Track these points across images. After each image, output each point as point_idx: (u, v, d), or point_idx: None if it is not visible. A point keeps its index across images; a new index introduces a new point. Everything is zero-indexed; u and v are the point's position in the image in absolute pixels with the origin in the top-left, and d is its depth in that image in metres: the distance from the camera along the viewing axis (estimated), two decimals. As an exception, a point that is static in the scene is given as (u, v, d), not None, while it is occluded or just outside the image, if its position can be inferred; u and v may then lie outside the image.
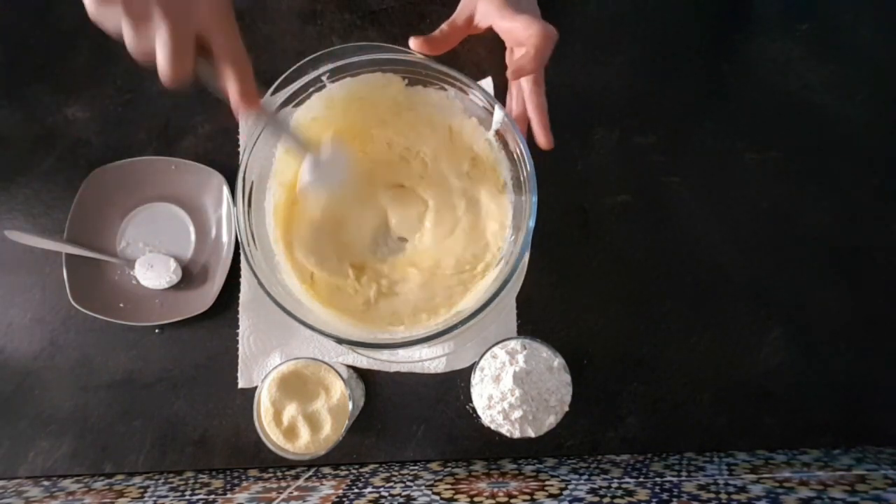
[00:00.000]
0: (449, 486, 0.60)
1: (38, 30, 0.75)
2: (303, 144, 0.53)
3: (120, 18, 0.41)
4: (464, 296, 0.57)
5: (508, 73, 0.53)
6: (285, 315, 0.49)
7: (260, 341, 0.68)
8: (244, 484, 0.64)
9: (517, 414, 0.57)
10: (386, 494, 0.58)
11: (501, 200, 0.57)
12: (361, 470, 0.66)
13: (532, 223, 0.49)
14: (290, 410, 0.59)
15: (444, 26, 0.56)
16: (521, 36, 0.53)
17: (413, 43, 0.54)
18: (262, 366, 0.68)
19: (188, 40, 0.42)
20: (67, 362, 0.69)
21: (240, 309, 0.69)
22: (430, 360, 0.66)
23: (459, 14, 0.57)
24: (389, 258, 0.60)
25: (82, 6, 0.42)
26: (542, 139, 0.56)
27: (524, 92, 0.58)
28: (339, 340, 0.49)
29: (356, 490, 0.60)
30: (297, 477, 0.65)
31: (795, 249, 0.68)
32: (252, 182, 0.54)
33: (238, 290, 0.69)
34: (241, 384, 0.67)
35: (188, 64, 0.42)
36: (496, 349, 0.60)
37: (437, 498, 0.57)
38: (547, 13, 0.58)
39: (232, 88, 0.45)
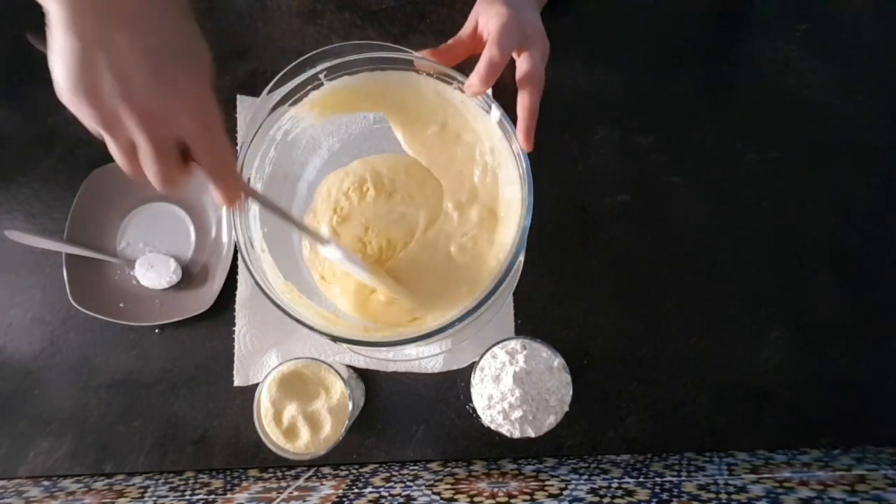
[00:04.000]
0: (449, 486, 0.60)
1: (37, 30, 0.74)
2: (315, 235, 0.52)
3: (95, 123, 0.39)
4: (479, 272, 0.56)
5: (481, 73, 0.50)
6: (282, 313, 0.49)
7: (256, 339, 0.68)
8: (244, 484, 0.64)
9: (517, 414, 0.57)
10: (386, 494, 0.58)
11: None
12: (361, 470, 0.66)
13: (528, 222, 0.49)
14: (290, 410, 0.59)
15: (450, 41, 0.56)
16: (482, 25, 0.52)
17: (422, 52, 0.54)
18: (258, 364, 0.68)
19: (169, 152, 0.39)
20: (67, 362, 0.69)
21: (236, 306, 0.68)
22: (428, 357, 0.66)
23: (465, 27, 0.56)
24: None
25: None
26: (524, 142, 0.52)
27: (519, 91, 0.54)
28: (335, 339, 0.49)
29: (356, 490, 0.59)
30: (297, 477, 0.65)
31: (795, 249, 0.68)
32: (249, 180, 0.54)
33: (238, 290, 0.69)
34: (236, 382, 0.67)
35: (175, 174, 0.40)
36: (496, 349, 0.60)
37: (437, 498, 0.57)
38: (548, 13, 0.58)
39: (217, 194, 0.43)
